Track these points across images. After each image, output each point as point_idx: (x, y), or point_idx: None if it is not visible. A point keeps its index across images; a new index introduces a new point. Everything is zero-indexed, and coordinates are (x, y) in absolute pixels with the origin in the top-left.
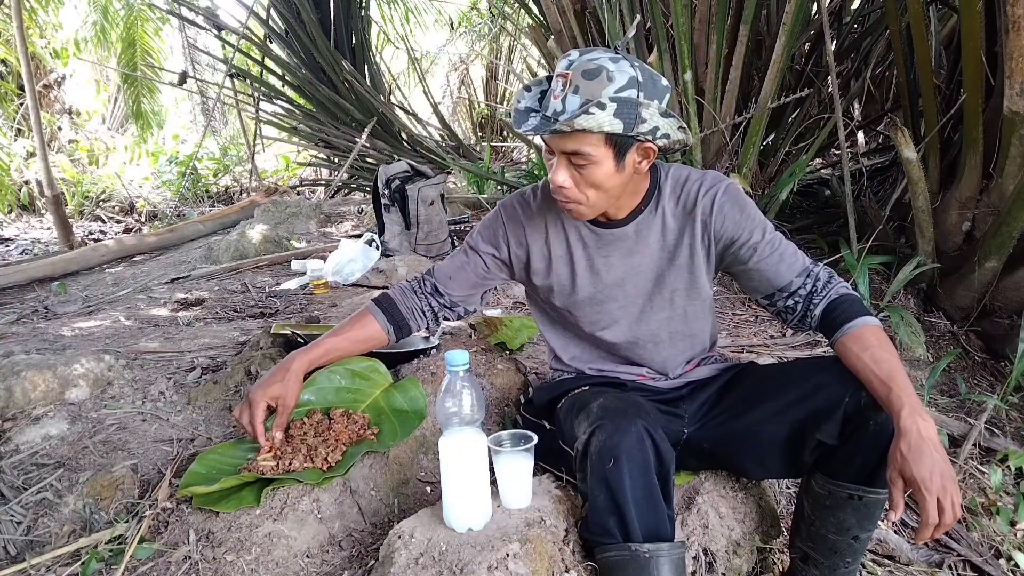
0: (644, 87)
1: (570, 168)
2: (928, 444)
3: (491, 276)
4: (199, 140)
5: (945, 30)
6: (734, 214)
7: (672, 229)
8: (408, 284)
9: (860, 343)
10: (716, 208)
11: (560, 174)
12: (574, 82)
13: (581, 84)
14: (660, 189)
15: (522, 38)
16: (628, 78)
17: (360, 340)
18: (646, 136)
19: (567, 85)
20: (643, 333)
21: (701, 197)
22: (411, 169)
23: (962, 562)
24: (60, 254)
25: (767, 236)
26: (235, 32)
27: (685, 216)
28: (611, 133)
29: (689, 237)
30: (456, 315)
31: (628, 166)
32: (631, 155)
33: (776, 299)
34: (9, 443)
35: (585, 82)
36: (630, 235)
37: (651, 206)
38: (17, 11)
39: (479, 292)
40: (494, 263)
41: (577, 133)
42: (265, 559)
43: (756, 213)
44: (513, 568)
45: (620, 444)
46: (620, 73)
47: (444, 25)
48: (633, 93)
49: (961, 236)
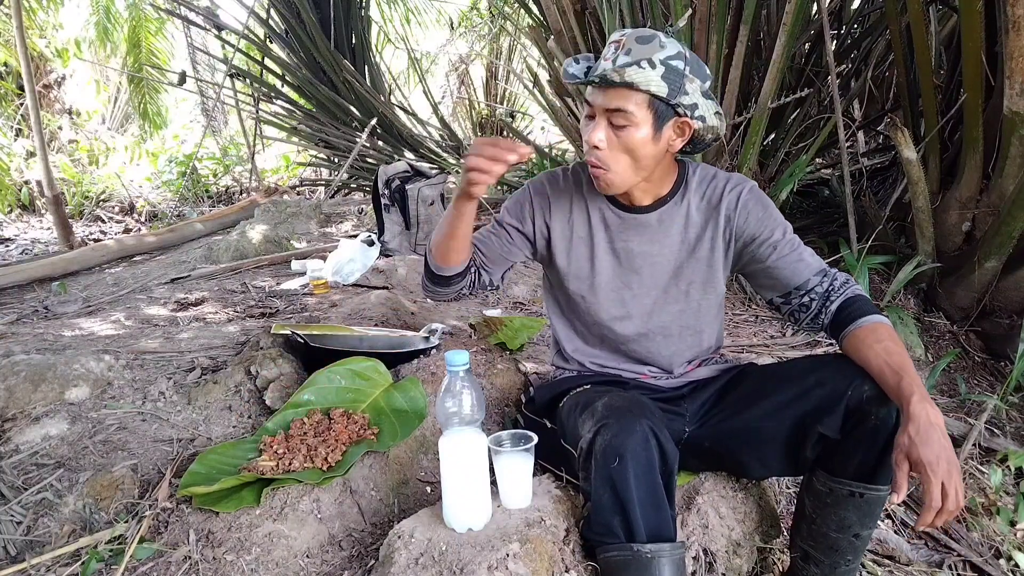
0: (691, 64)
1: (609, 129)
2: (936, 430)
3: (515, 250)
4: (199, 140)
5: (945, 30)
6: (758, 211)
7: (696, 223)
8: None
9: (873, 335)
10: (741, 204)
11: (598, 133)
12: (627, 45)
13: (634, 47)
14: (687, 183)
15: (522, 38)
16: (678, 51)
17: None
18: (686, 110)
19: (619, 48)
20: (655, 325)
21: (727, 193)
22: (411, 169)
23: (962, 562)
24: (60, 254)
25: (787, 236)
26: (235, 32)
27: (710, 211)
28: (655, 95)
29: (712, 231)
30: (483, 283)
31: (663, 138)
32: (668, 128)
33: (792, 297)
34: (9, 443)
35: (638, 45)
36: (652, 223)
37: (676, 197)
38: (17, 11)
39: (503, 267)
40: (519, 237)
41: (623, 89)
42: (265, 559)
43: (777, 214)
44: (513, 568)
45: (625, 443)
46: (671, 44)
47: (444, 25)
48: (681, 64)
49: (961, 236)
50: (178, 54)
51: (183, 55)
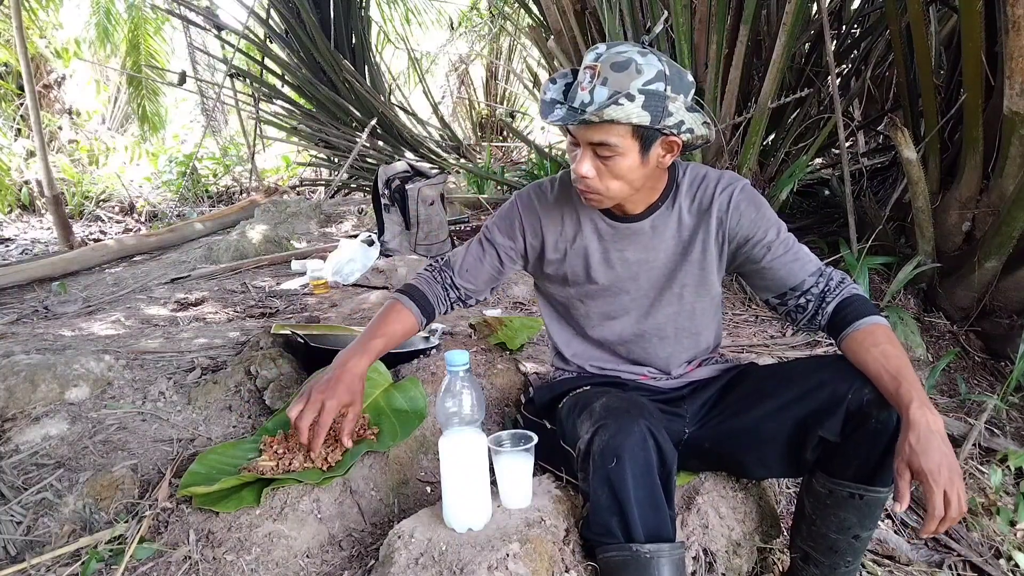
0: (671, 81)
1: (595, 159)
2: (936, 437)
3: (505, 269)
4: (199, 140)
5: (945, 30)
6: (750, 212)
7: (687, 225)
8: (429, 274)
9: (871, 338)
10: (732, 206)
11: (584, 165)
12: (602, 74)
13: (610, 76)
14: (678, 186)
15: (522, 38)
16: (656, 71)
17: (402, 333)
18: (672, 130)
19: (595, 76)
20: (650, 327)
21: (718, 195)
22: (411, 169)
23: (962, 562)
24: (60, 254)
25: (781, 235)
26: (235, 32)
27: (701, 213)
28: (638, 125)
29: (703, 233)
30: (468, 305)
31: (652, 159)
32: (656, 148)
33: (788, 298)
34: (9, 443)
35: (614, 74)
36: (646, 230)
37: (668, 202)
38: (17, 11)
39: (492, 285)
40: (508, 256)
41: (604, 124)
42: (265, 559)
43: (771, 213)
44: (513, 568)
45: (623, 444)
46: (648, 66)
47: (444, 25)
48: (661, 87)
49: (961, 236)
50: (177, 55)
51: (183, 56)
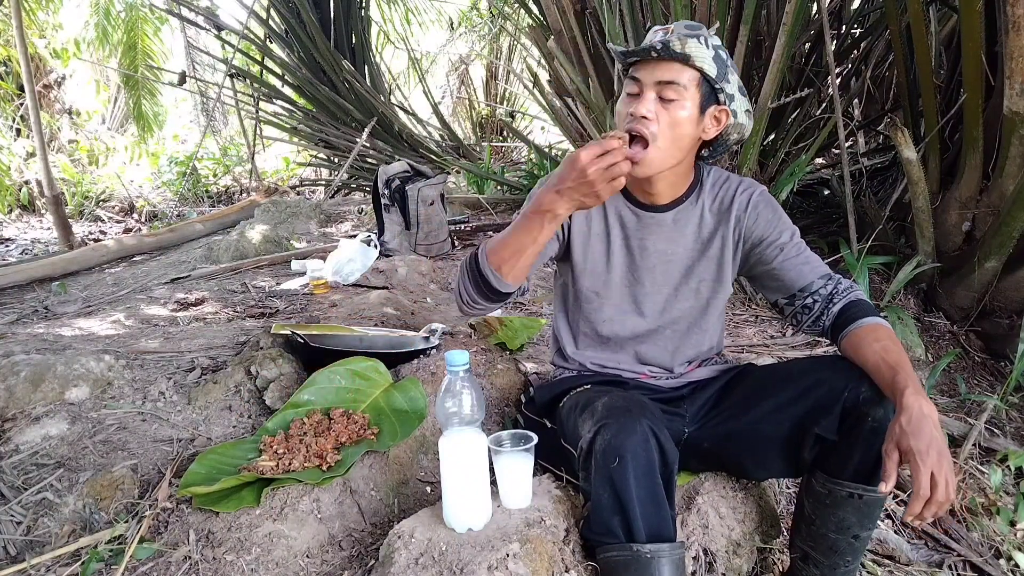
0: (730, 58)
1: (657, 102)
2: (928, 422)
3: (548, 250)
4: (199, 140)
5: (945, 30)
6: (767, 213)
7: (708, 223)
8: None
9: (873, 335)
10: (751, 206)
11: (647, 104)
12: (675, 31)
13: (684, 31)
14: (702, 184)
15: (522, 38)
16: (719, 43)
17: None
18: (727, 98)
19: (668, 32)
20: (667, 320)
21: (739, 195)
22: (411, 169)
23: (962, 562)
24: (60, 254)
25: (794, 239)
26: (235, 32)
27: (722, 212)
28: (705, 75)
29: (723, 231)
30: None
31: (704, 123)
32: (710, 113)
33: (796, 299)
34: (9, 443)
35: (686, 31)
36: (668, 222)
37: (692, 198)
38: (16, 11)
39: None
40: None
41: (677, 63)
42: (265, 559)
43: (786, 218)
44: (513, 568)
45: (625, 444)
46: (713, 38)
47: (444, 25)
48: (724, 54)
49: (961, 236)
50: (176, 55)
51: (182, 56)
